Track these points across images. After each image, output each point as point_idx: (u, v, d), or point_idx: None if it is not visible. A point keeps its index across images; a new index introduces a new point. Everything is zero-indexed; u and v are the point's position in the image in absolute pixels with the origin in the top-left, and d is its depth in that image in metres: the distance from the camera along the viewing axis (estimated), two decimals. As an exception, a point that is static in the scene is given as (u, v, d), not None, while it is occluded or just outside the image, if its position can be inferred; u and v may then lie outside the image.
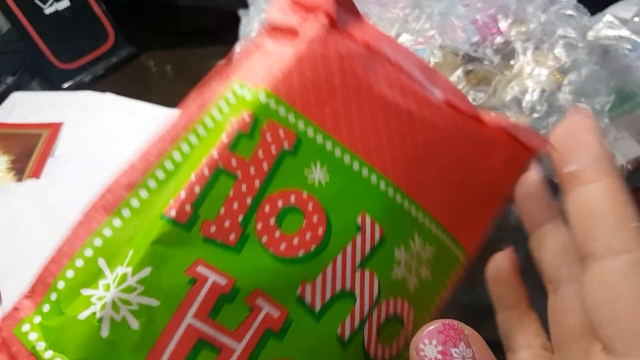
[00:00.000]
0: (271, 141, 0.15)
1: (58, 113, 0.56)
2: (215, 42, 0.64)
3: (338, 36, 0.17)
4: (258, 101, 0.15)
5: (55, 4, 0.58)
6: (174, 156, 0.15)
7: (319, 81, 0.16)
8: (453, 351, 0.14)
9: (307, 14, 0.17)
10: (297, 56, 0.16)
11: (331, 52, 0.16)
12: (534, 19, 0.36)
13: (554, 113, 0.34)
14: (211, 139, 0.15)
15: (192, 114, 0.16)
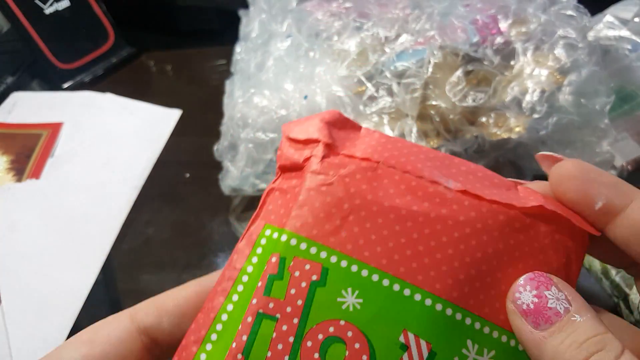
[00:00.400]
0: (300, 277, 0.16)
1: (58, 113, 0.56)
2: (215, 42, 0.64)
3: (337, 160, 0.18)
4: (280, 242, 0.17)
5: (55, 4, 0.58)
6: (227, 307, 0.17)
7: (330, 209, 0.17)
8: (547, 293, 0.15)
9: (306, 147, 0.18)
10: (305, 191, 0.17)
11: (334, 179, 0.17)
12: (534, 20, 0.36)
13: (554, 113, 0.34)
14: (252, 284, 0.17)
15: (238, 261, 0.18)
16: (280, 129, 0.37)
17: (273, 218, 0.18)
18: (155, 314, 0.19)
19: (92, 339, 0.18)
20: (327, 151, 0.18)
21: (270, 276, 0.16)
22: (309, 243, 0.16)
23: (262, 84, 0.39)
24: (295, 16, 0.42)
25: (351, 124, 0.20)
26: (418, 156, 0.18)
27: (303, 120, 0.20)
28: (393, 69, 0.36)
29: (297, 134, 0.19)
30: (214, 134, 0.43)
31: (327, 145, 0.18)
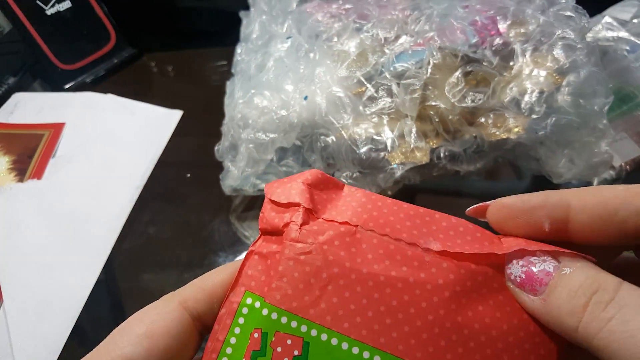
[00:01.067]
0: (282, 353, 0.16)
1: (60, 114, 0.57)
2: (216, 43, 0.64)
3: (316, 226, 0.18)
4: (262, 315, 0.17)
5: (56, 5, 0.58)
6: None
7: (309, 279, 0.17)
8: (533, 259, 0.16)
9: (287, 211, 0.18)
10: (285, 260, 0.17)
11: (312, 247, 0.17)
12: (532, 21, 0.36)
13: (552, 114, 0.34)
14: (237, 356, 0.17)
15: (220, 332, 0.17)
16: (280, 129, 0.37)
17: (253, 285, 0.18)
18: (207, 300, 0.18)
19: (151, 333, 0.17)
20: (306, 217, 0.18)
21: (253, 352, 0.16)
22: (290, 317, 0.16)
23: (262, 85, 0.39)
24: (295, 17, 0.42)
25: (333, 182, 0.20)
26: (397, 216, 0.18)
27: (285, 182, 0.20)
28: (392, 70, 0.36)
29: (279, 196, 0.19)
30: (214, 135, 0.44)
31: (307, 210, 0.18)
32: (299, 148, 0.39)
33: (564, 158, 0.36)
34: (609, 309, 0.13)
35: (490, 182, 0.45)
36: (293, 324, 0.16)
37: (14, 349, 0.35)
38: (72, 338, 0.36)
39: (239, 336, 0.17)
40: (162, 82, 0.63)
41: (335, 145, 0.37)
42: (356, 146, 0.36)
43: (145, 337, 0.17)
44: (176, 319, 0.18)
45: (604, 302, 0.13)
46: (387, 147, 0.36)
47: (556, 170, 0.36)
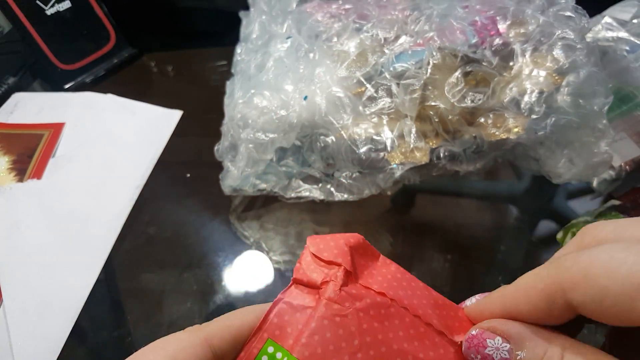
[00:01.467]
0: None
1: (59, 113, 0.57)
2: (215, 43, 0.64)
3: (354, 290, 0.18)
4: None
5: (56, 5, 0.59)
6: None
7: (340, 343, 0.17)
8: (487, 352, 0.16)
9: (327, 268, 0.18)
10: (319, 319, 0.17)
11: (349, 311, 0.17)
12: (532, 21, 0.36)
13: (552, 114, 0.34)
14: None
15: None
16: (280, 129, 0.37)
17: (277, 334, 0.17)
18: (231, 340, 0.18)
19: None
20: (346, 279, 0.18)
21: None
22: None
23: (262, 85, 0.39)
24: (295, 17, 0.42)
25: (371, 250, 0.20)
26: (428, 300, 0.19)
27: (328, 239, 0.19)
28: (392, 70, 0.36)
29: (321, 252, 0.19)
30: (214, 135, 0.44)
31: (347, 272, 0.18)
32: (298, 148, 0.39)
33: (563, 158, 0.36)
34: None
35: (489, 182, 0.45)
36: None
37: (14, 348, 0.35)
38: (72, 338, 0.37)
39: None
40: (162, 82, 0.63)
41: (335, 146, 0.37)
42: (356, 146, 0.36)
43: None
44: (200, 355, 0.17)
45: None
46: (387, 147, 0.36)
47: (556, 170, 0.36)
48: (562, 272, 0.15)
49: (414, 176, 0.38)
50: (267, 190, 0.42)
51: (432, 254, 0.40)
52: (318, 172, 0.40)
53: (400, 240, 0.41)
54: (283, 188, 0.41)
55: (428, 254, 0.40)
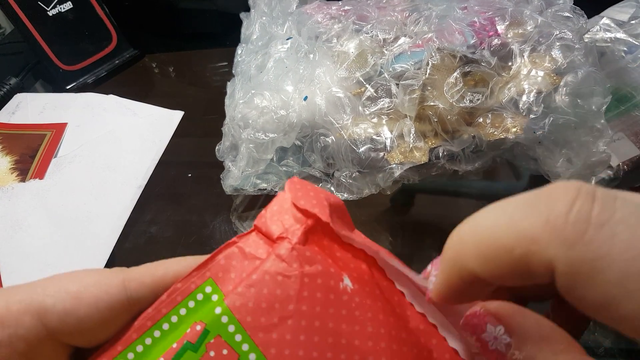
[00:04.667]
0: (213, 358, 0.15)
1: (61, 114, 0.57)
2: (216, 45, 0.64)
3: (308, 253, 0.16)
4: (212, 312, 0.16)
5: (58, 6, 0.59)
6: (136, 348, 0.16)
7: (274, 303, 0.16)
8: (483, 337, 0.15)
9: (290, 221, 0.17)
10: (262, 271, 0.16)
11: (294, 273, 0.16)
12: (530, 21, 0.37)
13: (550, 114, 0.35)
14: (168, 341, 0.16)
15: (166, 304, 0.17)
16: (280, 129, 0.38)
17: (220, 276, 0.17)
18: (152, 287, 0.17)
19: (80, 295, 0.16)
20: (303, 238, 0.17)
21: (186, 343, 0.15)
22: (238, 328, 0.15)
23: (262, 85, 0.39)
24: (295, 19, 0.43)
25: (348, 219, 0.19)
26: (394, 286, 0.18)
27: (309, 187, 0.18)
28: (392, 71, 0.37)
29: (299, 199, 0.17)
30: (215, 135, 0.44)
31: (309, 231, 0.17)
32: (299, 148, 0.40)
33: (561, 158, 0.36)
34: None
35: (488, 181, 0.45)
36: (237, 337, 0.15)
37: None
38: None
39: (182, 318, 0.16)
40: (163, 82, 0.63)
41: (335, 145, 0.37)
42: (355, 146, 0.36)
43: (72, 297, 0.16)
44: (112, 294, 0.16)
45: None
46: (387, 147, 0.36)
47: (554, 169, 0.36)
48: (558, 249, 0.13)
49: (413, 176, 0.38)
50: (267, 189, 0.42)
51: (431, 253, 0.40)
52: (318, 172, 0.40)
53: (399, 240, 0.41)
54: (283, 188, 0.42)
55: (427, 253, 0.40)
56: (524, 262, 0.13)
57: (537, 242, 0.12)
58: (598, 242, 0.11)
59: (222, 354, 0.15)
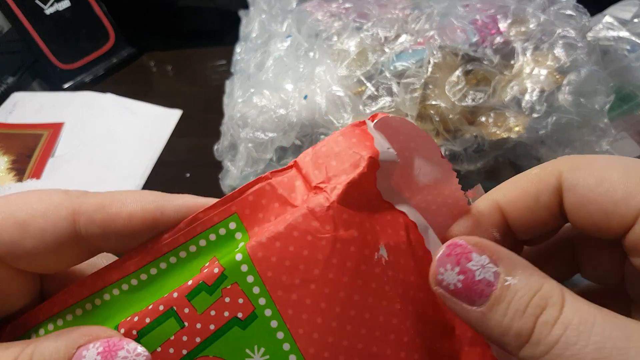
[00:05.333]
0: (227, 305, 0.15)
1: (59, 113, 0.56)
2: (215, 43, 0.64)
3: (346, 216, 0.15)
4: (233, 258, 0.15)
5: (55, 4, 0.58)
6: (150, 271, 0.16)
7: (298, 264, 0.14)
8: (469, 266, 0.14)
9: (335, 168, 0.15)
10: (290, 225, 0.15)
11: (326, 236, 0.15)
12: (533, 19, 0.36)
13: (553, 113, 0.34)
14: (189, 267, 0.15)
15: (184, 234, 0.16)
16: (280, 128, 0.37)
17: (247, 213, 0.15)
18: (102, 227, 0.15)
19: (26, 226, 0.15)
20: (344, 197, 0.15)
21: (201, 283, 0.15)
22: (257, 280, 0.15)
23: (261, 84, 0.39)
24: (295, 16, 0.42)
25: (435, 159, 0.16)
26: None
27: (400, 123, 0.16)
28: (393, 69, 0.36)
29: (350, 137, 0.15)
30: (214, 134, 0.43)
31: (350, 186, 0.15)
32: (298, 147, 0.39)
33: (564, 157, 0.36)
34: (555, 330, 0.13)
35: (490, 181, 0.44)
36: (255, 289, 0.15)
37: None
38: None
39: (200, 250, 0.15)
40: (162, 81, 0.63)
41: (335, 145, 0.37)
42: (356, 145, 0.36)
43: (18, 227, 0.15)
44: (59, 227, 0.15)
45: (551, 322, 0.13)
46: (387, 147, 0.36)
47: (557, 169, 0.36)
48: (564, 159, 0.16)
49: (414, 175, 0.38)
50: (267, 189, 0.42)
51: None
52: (318, 172, 0.40)
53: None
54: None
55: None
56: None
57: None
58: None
59: (237, 302, 0.15)
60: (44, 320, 0.16)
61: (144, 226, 0.16)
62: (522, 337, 0.13)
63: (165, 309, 0.15)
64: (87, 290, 0.16)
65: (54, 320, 0.16)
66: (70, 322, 0.16)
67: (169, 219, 0.16)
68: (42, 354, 0.14)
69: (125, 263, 0.16)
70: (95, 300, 0.16)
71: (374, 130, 0.16)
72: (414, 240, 0.16)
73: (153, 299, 0.15)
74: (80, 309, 0.16)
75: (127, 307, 0.16)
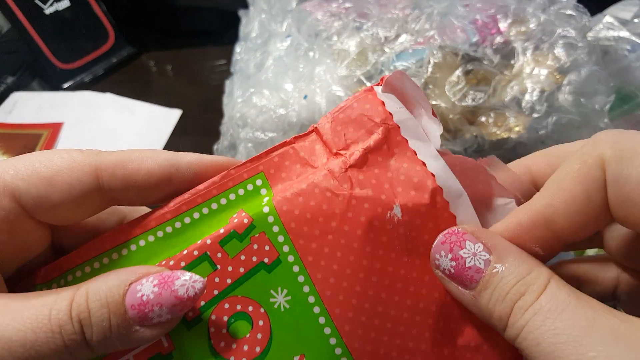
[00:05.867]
0: (255, 251, 0.16)
1: (58, 113, 0.56)
2: (215, 42, 0.64)
3: (362, 176, 0.16)
4: (261, 210, 0.16)
5: (55, 4, 0.58)
6: (184, 219, 0.17)
7: (318, 217, 0.16)
8: (462, 253, 0.15)
9: (355, 132, 0.17)
10: (312, 184, 0.16)
11: (343, 192, 0.16)
12: (533, 19, 0.36)
13: (553, 113, 0.34)
14: (218, 218, 0.17)
15: (216, 187, 0.17)
16: (279, 128, 0.37)
17: (272, 172, 0.17)
18: (123, 180, 0.17)
19: (52, 181, 0.16)
20: (361, 160, 0.17)
21: (233, 232, 0.16)
22: (281, 230, 0.16)
23: (261, 84, 0.39)
24: (295, 16, 0.42)
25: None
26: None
27: (411, 86, 0.18)
28: (393, 69, 0.36)
29: (390, 97, 0.17)
30: (213, 134, 0.43)
31: (368, 152, 0.17)
32: (298, 147, 0.39)
33: (564, 157, 0.35)
34: (526, 315, 0.14)
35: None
36: (280, 238, 0.16)
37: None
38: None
39: (230, 203, 0.17)
40: (161, 81, 0.63)
41: (335, 145, 0.37)
42: (356, 145, 0.36)
43: (45, 183, 0.16)
44: (84, 182, 0.16)
45: (524, 307, 0.14)
46: (387, 147, 0.36)
47: (557, 169, 0.36)
48: (606, 142, 0.14)
49: (414, 175, 0.38)
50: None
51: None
52: (318, 172, 0.39)
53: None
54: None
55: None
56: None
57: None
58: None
59: (264, 249, 0.16)
60: (82, 263, 0.17)
61: (161, 181, 0.17)
62: (502, 321, 0.14)
63: (199, 254, 0.16)
64: (123, 236, 0.17)
65: (90, 263, 0.17)
66: (106, 266, 0.17)
67: (183, 174, 0.17)
68: (96, 292, 0.14)
69: (162, 211, 0.17)
70: (130, 245, 0.17)
71: (383, 95, 0.17)
72: (439, 204, 0.16)
73: (187, 245, 0.17)
74: (117, 253, 0.17)
75: (161, 252, 0.17)
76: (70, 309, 0.14)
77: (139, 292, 0.15)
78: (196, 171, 0.17)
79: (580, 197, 0.14)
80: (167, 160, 0.17)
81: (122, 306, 0.15)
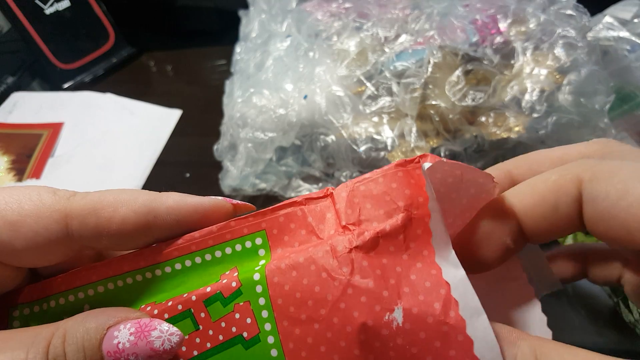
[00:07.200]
0: (237, 321, 0.15)
1: (58, 113, 0.56)
2: (215, 43, 0.64)
3: (367, 262, 0.14)
4: (251, 277, 0.15)
5: (55, 4, 0.58)
6: (175, 265, 0.16)
7: (308, 298, 0.14)
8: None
9: (372, 212, 0.15)
10: (309, 259, 0.15)
11: (341, 277, 0.14)
12: (533, 19, 0.36)
13: (553, 113, 0.34)
14: (210, 271, 0.16)
15: (213, 237, 0.16)
16: (279, 128, 0.37)
17: (274, 233, 0.16)
18: (94, 229, 0.16)
19: (17, 226, 0.15)
20: (371, 244, 0.14)
21: (219, 293, 0.15)
22: (267, 304, 0.15)
23: (261, 84, 0.39)
24: (295, 16, 0.42)
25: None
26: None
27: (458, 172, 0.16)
28: (392, 69, 0.36)
29: (400, 180, 0.15)
30: (214, 134, 0.43)
31: (380, 235, 0.14)
32: (298, 147, 0.39)
33: (564, 157, 0.35)
34: None
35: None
36: (264, 313, 0.15)
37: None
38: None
39: (224, 257, 0.16)
40: (161, 81, 0.63)
41: (335, 145, 0.37)
42: (356, 145, 0.36)
43: (9, 229, 0.15)
44: (51, 231, 0.15)
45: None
46: (387, 147, 0.36)
47: (557, 169, 0.36)
48: (585, 165, 0.15)
49: (414, 175, 0.38)
50: (266, 189, 0.42)
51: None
52: (318, 172, 0.40)
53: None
54: (283, 187, 0.41)
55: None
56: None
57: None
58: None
59: (245, 321, 0.15)
60: (66, 290, 0.17)
61: (137, 230, 0.16)
62: None
63: (183, 309, 0.15)
64: (111, 271, 0.16)
65: (75, 292, 0.17)
66: (90, 298, 0.16)
67: (162, 221, 0.16)
68: (74, 335, 0.14)
69: (154, 252, 0.16)
70: (117, 281, 0.16)
71: (427, 173, 0.15)
72: (452, 320, 0.14)
73: (173, 295, 0.16)
74: (103, 286, 0.16)
75: (148, 294, 0.16)
76: (47, 353, 0.14)
77: (116, 338, 0.14)
78: (177, 218, 0.16)
79: (549, 204, 0.15)
80: (145, 205, 0.16)
81: (99, 352, 0.14)
